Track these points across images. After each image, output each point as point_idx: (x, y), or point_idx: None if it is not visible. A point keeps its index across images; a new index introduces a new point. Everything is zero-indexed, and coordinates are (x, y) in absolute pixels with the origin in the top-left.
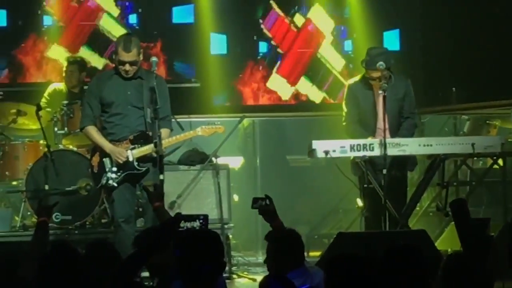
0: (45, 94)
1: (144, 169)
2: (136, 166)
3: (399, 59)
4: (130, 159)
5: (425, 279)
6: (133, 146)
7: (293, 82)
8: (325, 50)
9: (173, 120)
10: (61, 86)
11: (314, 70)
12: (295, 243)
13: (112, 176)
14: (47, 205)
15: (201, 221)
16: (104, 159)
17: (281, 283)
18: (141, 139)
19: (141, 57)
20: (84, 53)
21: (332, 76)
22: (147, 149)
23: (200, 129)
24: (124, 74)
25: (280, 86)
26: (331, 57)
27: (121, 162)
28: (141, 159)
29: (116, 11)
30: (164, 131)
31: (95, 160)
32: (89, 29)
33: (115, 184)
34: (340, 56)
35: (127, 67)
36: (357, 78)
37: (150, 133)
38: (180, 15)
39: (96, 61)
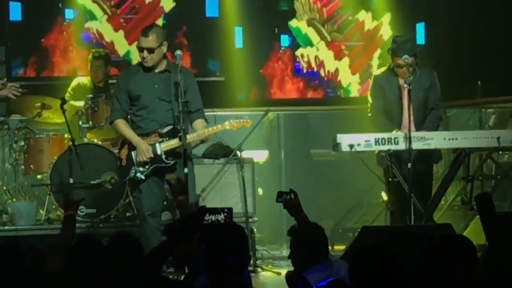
0: (69, 89)
1: (171, 162)
2: (164, 159)
3: (425, 52)
4: (158, 152)
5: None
6: (161, 140)
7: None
8: None
9: None
10: (85, 80)
11: None
12: (319, 237)
13: (140, 169)
14: (74, 200)
15: (225, 214)
16: (132, 152)
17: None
18: (169, 132)
19: (164, 48)
20: None
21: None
22: (175, 143)
23: (228, 123)
24: (143, 62)
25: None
26: None
27: (143, 159)
28: (169, 153)
29: None
30: (199, 122)
31: (124, 153)
32: None
33: (143, 177)
34: None
35: (145, 53)
36: (382, 69)
37: (179, 127)
38: (210, 8)
39: None
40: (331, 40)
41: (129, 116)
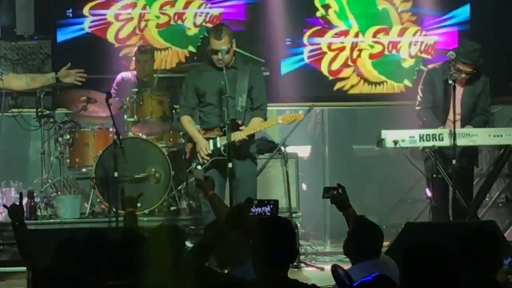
0: (114, 84)
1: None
2: (223, 152)
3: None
4: (218, 145)
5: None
6: (222, 134)
7: None
8: None
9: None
10: (129, 75)
11: None
12: (368, 234)
13: (200, 162)
14: (132, 196)
15: (271, 206)
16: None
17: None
18: (230, 126)
19: (234, 46)
20: None
21: None
22: (233, 136)
23: (282, 118)
24: (217, 64)
25: None
26: None
27: (201, 155)
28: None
29: None
30: (255, 120)
31: (189, 146)
32: None
33: (203, 172)
34: None
35: (220, 55)
36: (437, 65)
37: (240, 122)
38: None
39: None
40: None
41: (199, 112)
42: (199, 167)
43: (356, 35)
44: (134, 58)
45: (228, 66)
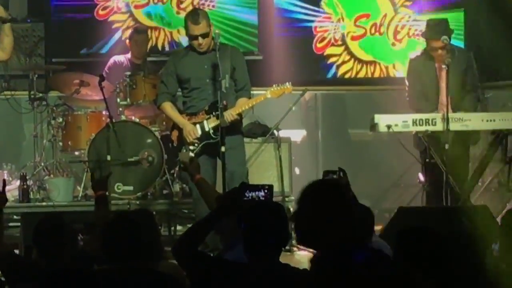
0: (105, 68)
1: (219, 137)
2: (212, 134)
3: (463, 33)
4: (206, 129)
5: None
6: (208, 116)
7: None
8: None
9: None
10: (122, 58)
11: None
12: (364, 217)
13: (190, 148)
14: (101, 178)
15: (265, 191)
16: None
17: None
18: (215, 109)
19: (212, 28)
20: None
21: None
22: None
23: (269, 91)
24: (197, 48)
25: None
26: None
27: (188, 140)
28: (217, 128)
29: None
30: (241, 100)
31: (174, 134)
32: None
33: (193, 155)
34: None
35: (200, 40)
36: (418, 52)
37: (225, 102)
38: None
39: None
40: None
41: (183, 98)
42: (190, 153)
43: (339, 21)
44: (128, 40)
45: (208, 49)
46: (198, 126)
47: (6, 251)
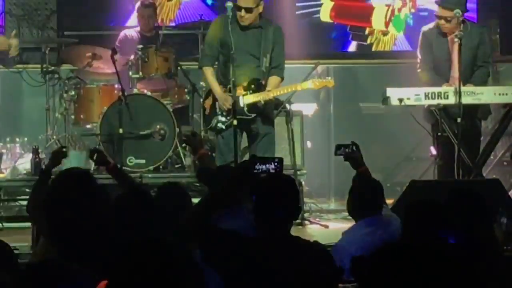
0: (116, 42)
1: (252, 115)
2: (246, 111)
3: (476, 8)
4: (241, 105)
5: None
6: (245, 93)
7: None
8: None
9: None
10: (132, 32)
11: None
12: (372, 189)
13: (221, 120)
14: (95, 153)
15: (276, 164)
16: (216, 103)
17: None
18: (253, 86)
19: (261, 8)
20: None
21: None
22: (257, 96)
23: (312, 82)
24: (239, 21)
25: None
26: None
27: (220, 111)
28: (252, 107)
29: None
30: (273, 79)
31: (208, 103)
32: None
33: (224, 127)
34: None
35: (243, 12)
36: (431, 25)
37: (264, 82)
38: None
39: None
40: None
41: (216, 64)
42: (219, 124)
43: None
44: (137, 13)
45: (251, 24)
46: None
47: None
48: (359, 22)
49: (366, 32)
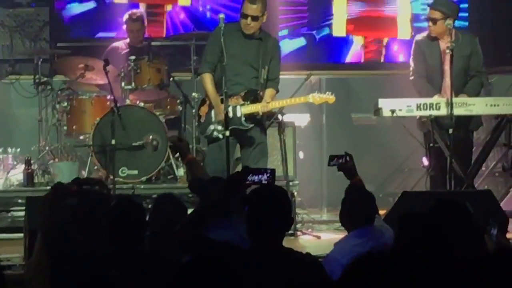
0: (104, 54)
1: (249, 126)
2: (243, 122)
3: (468, 17)
4: (238, 114)
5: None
6: (243, 103)
7: None
8: None
9: None
10: (120, 44)
11: None
12: (365, 201)
13: (218, 128)
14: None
15: (268, 175)
16: (212, 110)
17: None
18: (251, 97)
19: (265, 18)
20: None
21: None
22: (255, 107)
23: (312, 97)
24: (244, 29)
25: None
26: None
27: (220, 118)
28: (249, 117)
29: None
30: (269, 91)
31: (203, 110)
32: None
33: (220, 136)
34: None
35: (249, 20)
36: (424, 34)
37: (261, 93)
38: None
39: None
40: None
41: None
42: (215, 133)
43: None
44: (125, 26)
45: (253, 35)
46: (230, 108)
47: None
48: (382, 33)
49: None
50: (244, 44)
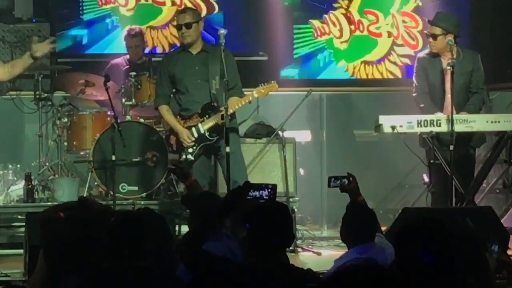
0: (104, 71)
1: (215, 138)
2: (208, 136)
3: (468, 34)
4: (202, 131)
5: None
6: (202, 119)
7: None
8: None
9: None
10: (120, 60)
11: None
12: (366, 218)
13: (189, 151)
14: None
15: (269, 190)
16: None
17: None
18: (208, 110)
19: (201, 27)
20: None
21: None
22: (214, 118)
23: (256, 91)
24: (182, 40)
25: None
26: None
27: (184, 145)
28: (212, 130)
29: None
30: (232, 99)
31: (173, 139)
32: None
33: (193, 158)
34: None
35: (183, 29)
36: (426, 51)
37: (216, 104)
38: None
39: None
40: None
41: (176, 100)
42: (189, 156)
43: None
44: (124, 42)
45: (194, 49)
46: (193, 129)
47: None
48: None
49: None
50: (190, 62)
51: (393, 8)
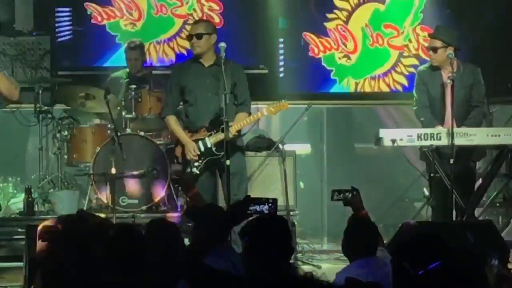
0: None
1: (222, 153)
2: (215, 151)
3: (469, 47)
4: (208, 145)
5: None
6: (210, 133)
7: None
8: None
9: None
10: (119, 73)
11: None
12: (368, 232)
13: (195, 165)
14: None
15: (270, 204)
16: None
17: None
18: (216, 125)
19: (213, 40)
20: None
21: None
22: (222, 134)
23: (266, 109)
24: (192, 50)
25: None
26: None
27: (189, 158)
28: (220, 145)
29: None
30: (240, 115)
31: (178, 150)
32: None
33: (198, 172)
34: None
35: (194, 39)
36: (427, 64)
37: (225, 119)
38: None
39: None
40: None
41: (185, 111)
42: (194, 169)
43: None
44: (124, 55)
45: (205, 61)
46: (200, 142)
47: None
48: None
49: None
50: (202, 74)
51: (406, 22)
